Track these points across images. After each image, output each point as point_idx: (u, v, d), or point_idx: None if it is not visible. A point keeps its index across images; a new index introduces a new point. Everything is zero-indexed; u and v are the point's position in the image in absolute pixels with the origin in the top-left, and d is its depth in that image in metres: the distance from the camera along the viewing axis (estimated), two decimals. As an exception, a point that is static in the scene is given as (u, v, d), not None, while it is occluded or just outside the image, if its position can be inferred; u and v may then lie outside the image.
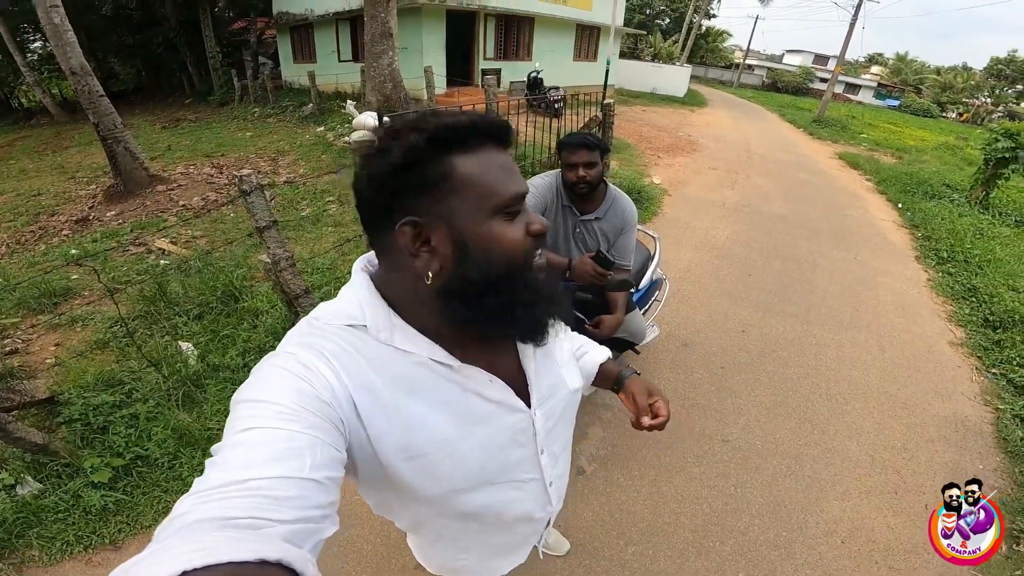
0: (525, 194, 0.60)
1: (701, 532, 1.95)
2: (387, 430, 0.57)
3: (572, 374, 0.79)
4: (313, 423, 0.49)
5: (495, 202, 0.56)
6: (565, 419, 0.79)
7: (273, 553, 0.33)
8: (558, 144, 1.85)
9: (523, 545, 0.90)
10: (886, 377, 2.98)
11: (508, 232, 0.58)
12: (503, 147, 0.60)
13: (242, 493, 0.40)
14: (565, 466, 0.85)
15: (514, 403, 0.67)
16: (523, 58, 12.98)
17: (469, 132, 0.56)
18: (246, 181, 2.41)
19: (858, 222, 5.90)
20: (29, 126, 14.88)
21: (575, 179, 1.79)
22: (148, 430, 2.21)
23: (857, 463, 2.34)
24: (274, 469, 0.43)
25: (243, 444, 0.45)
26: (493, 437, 0.66)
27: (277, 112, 11.12)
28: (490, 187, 0.56)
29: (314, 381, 0.52)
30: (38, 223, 5.48)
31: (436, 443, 0.61)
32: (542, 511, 0.80)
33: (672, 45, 25.66)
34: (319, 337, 0.58)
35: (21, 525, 1.85)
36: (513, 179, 0.59)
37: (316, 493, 0.44)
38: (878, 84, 34.70)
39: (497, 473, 0.68)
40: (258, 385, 0.51)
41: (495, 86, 5.79)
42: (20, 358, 2.85)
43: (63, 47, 5.38)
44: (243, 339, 2.82)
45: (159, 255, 4.25)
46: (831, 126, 14.09)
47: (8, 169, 8.90)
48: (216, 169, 7.08)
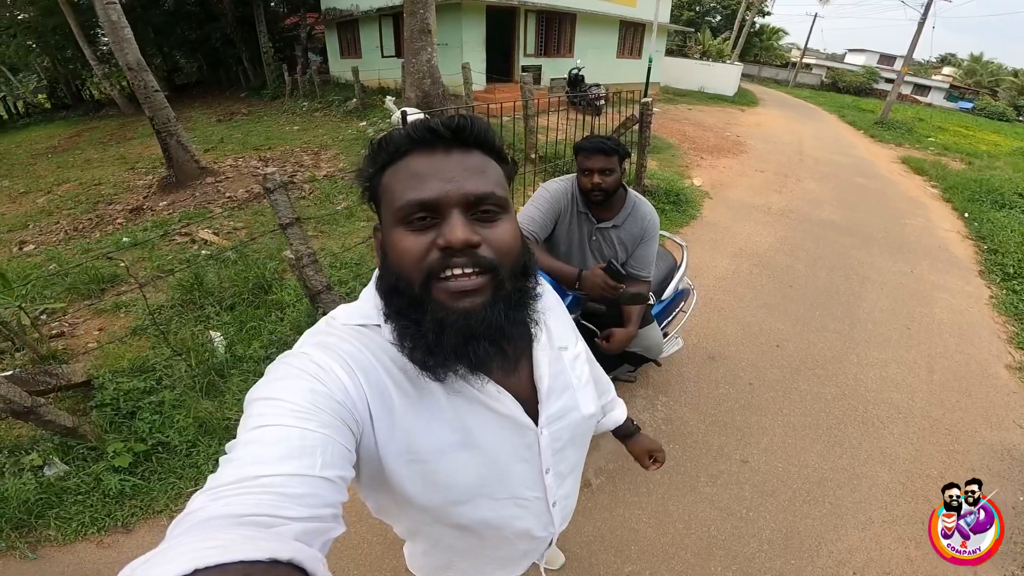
0: (430, 202, 0.53)
1: (704, 556, 1.86)
2: (393, 432, 0.58)
3: (588, 399, 0.76)
4: (326, 422, 0.49)
5: (393, 209, 0.55)
6: (576, 443, 0.76)
7: (285, 552, 0.33)
8: (574, 147, 1.77)
9: (522, 560, 0.88)
10: (932, 401, 2.75)
11: (403, 242, 0.55)
12: (441, 150, 0.55)
13: (255, 490, 0.41)
14: (572, 488, 0.83)
15: (521, 419, 0.65)
16: (564, 55, 12.84)
17: (396, 141, 0.56)
18: (270, 180, 2.46)
19: (919, 232, 5.49)
20: (97, 117, 15.81)
21: (590, 186, 1.72)
22: (172, 417, 2.30)
23: (886, 490, 2.17)
24: (286, 466, 0.43)
25: (256, 442, 0.45)
26: (496, 451, 0.65)
27: (323, 106, 11.46)
28: (393, 195, 0.56)
29: (328, 381, 0.53)
30: (96, 211, 5.85)
31: (437, 450, 0.60)
32: (544, 530, 0.78)
33: (723, 43, 24.71)
34: (335, 337, 0.58)
35: (42, 505, 1.94)
36: (418, 185, 0.53)
37: (327, 491, 0.45)
38: (950, 85, 32.30)
39: (498, 488, 0.67)
40: (273, 384, 0.52)
41: (531, 83, 5.73)
42: (65, 341, 3.03)
43: (120, 43, 5.66)
44: (268, 331, 2.90)
45: (201, 245, 4.45)
46: (895, 128, 13.21)
47: (75, 159, 9.54)
48: (262, 162, 7.35)
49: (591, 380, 0.80)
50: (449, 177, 0.54)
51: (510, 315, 0.57)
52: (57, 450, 2.12)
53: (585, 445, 0.80)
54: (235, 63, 17.92)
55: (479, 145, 0.57)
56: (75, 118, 16.71)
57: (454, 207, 0.53)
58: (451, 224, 0.53)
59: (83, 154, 9.93)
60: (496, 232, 0.56)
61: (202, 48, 18.90)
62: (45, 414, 1.96)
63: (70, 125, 15.24)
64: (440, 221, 0.54)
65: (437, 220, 0.54)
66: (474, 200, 0.54)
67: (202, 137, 9.33)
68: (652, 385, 2.71)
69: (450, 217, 0.53)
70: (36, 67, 21.67)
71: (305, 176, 6.35)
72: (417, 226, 0.54)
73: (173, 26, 17.72)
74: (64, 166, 8.99)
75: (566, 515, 0.84)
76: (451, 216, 0.53)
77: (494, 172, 0.58)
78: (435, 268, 0.54)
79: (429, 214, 0.54)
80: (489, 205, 0.55)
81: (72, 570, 1.79)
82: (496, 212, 0.56)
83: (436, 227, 0.54)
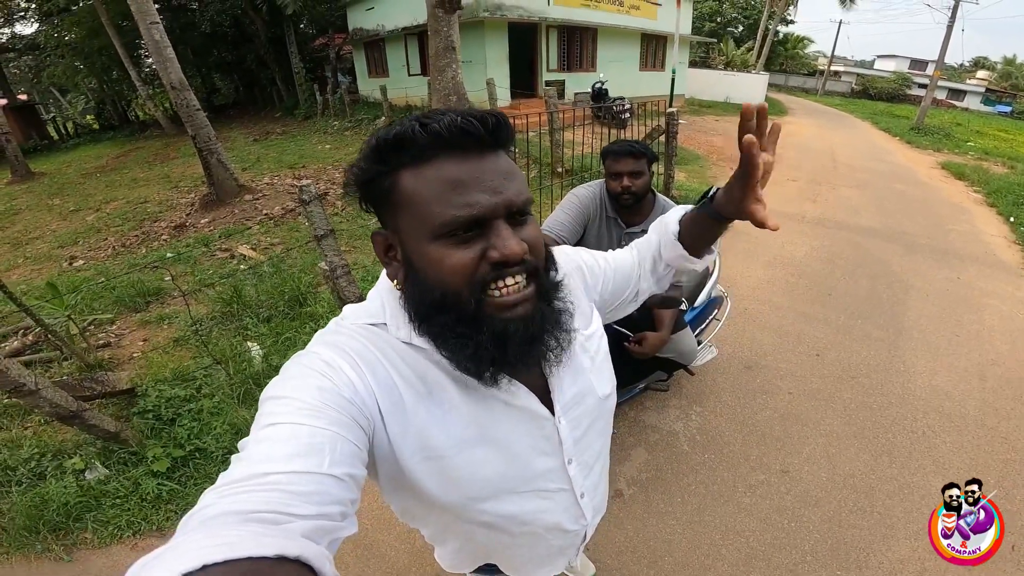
0: (481, 217, 0.51)
1: (742, 568, 1.78)
2: (406, 429, 0.57)
3: (602, 379, 0.74)
4: (335, 420, 0.49)
5: (431, 225, 0.51)
6: (597, 428, 0.75)
7: (293, 549, 0.33)
8: (602, 152, 1.78)
9: (558, 556, 0.85)
10: (985, 409, 2.60)
11: (449, 258, 0.52)
12: (475, 153, 0.52)
13: (262, 487, 0.41)
14: (600, 477, 0.81)
15: (537, 409, 0.64)
16: (587, 69, 12.92)
17: (418, 143, 0.51)
18: (305, 191, 2.53)
19: (964, 238, 5.26)
20: (143, 137, 16.48)
21: (619, 189, 1.72)
22: (209, 424, 2.36)
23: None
24: (293, 464, 0.43)
25: (266, 440, 0.46)
26: (514, 444, 0.64)
27: (353, 125, 11.79)
28: (428, 208, 0.51)
29: (336, 379, 0.52)
30: (142, 228, 6.11)
31: (452, 446, 0.59)
32: (575, 523, 0.77)
33: (746, 53, 24.45)
34: (344, 336, 0.58)
35: (80, 508, 1.98)
36: (463, 197, 0.50)
37: (335, 489, 0.44)
38: (986, 89, 31.12)
39: (520, 482, 0.66)
40: (284, 383, 0.52)
41: (555, 97, 5.79)
42: (111, 351, 3.16)
43: (164, 62, 5.86)
44: (303, 342, 2.94)
45: (240, 260, 4.60)
46: (932, 134, 12.77)
47: (122, 178, 9.99)
48: (296, 180, 7.59)
49: (607, 356, 0.77)
50: (493, 187, 0.52)
51: (553, 309, 0.58)
52: (99, 455, 2.19)
53: (607, 430, 0.79)
54: (269, 84, 18.53)
55: (505, 144, 0.56)
56: (121, 138, 17.46)
57: (501, 218, 0.52)
58: (502, 237, 0.52)
59: (130, 173, 10.41)
60: (529, 233, 0.55)
61: (238, 69, 19.60)
62: (90, 419, 2.02)
63: (117, 145, 15.95)
64: (485, 232, 0.52)
65: (482, 232, 0.52)
66: (516, 210, 0.54)
67: (240, 156, 9.69)
68: (686, 395, 2.65)
69: (499, 229, 0.52)
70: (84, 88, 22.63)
71: (338, 193, 6.53)
72: (462, 240, 0.52)
73: (210, 48, 18.39)
74: (112, 185, 9.40)
75: (597, 506, 0.82)
76: (499, 228, 0.52)
77: (519, 172, 0.56)
78: (486, 281, 0.53)
79: (477, 228, 0.52)
80: (526, 210, 0.55)
81: (106, 572, 1.80)
82: (528, 214, 0.56)
83: (481, 238, 0.52)
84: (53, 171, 12.17)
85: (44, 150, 17.91)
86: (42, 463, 2.20)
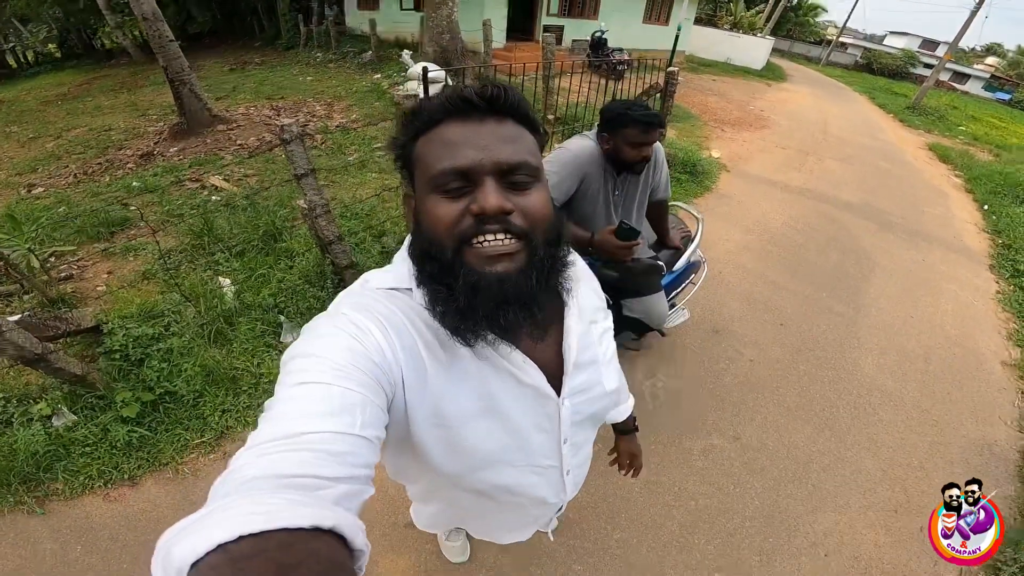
0: (463, 169, 0.54)
1: (689, 528, 1.91)
2: (423, 396, 0.59)
3: (611, 375, 0.78)
4: (363, 382, 0.50)
5: (427, 177, 0.56)
6: (595, 417, 0.78)
7: (328, 520, 0.33)
8: (619, 117, 1.63)
9: (531, 525, 0.92)
10: (923, 391, 2.76)
11: (436, 208, 0.55)
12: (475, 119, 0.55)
13: (298, 447, 0.41)
14: (585, 458, 0.86)
15: (544, 389, 0.67)
16: (589, 16, 12.35)
17: (430, 110, 0.56)
18: (287, 131, 2.43)
19: (936, 221, 5.37)
20: (109, 66, 15.41)
21: (639, 158, 1.65)
22: (179, 366, 2.27)
23: (867, 476, 2.21)
24: (329, 424, 0.44)
25: (298, 398, 0.46)
26: (518, 419, 0.66)
27: (338, 58, 11.17)
28: (426, 163, 0.56)
29: (365, 341, 0.54)
30: (106, 156, 5.80)
31: (462, 416, 0.62)
32: (555, 497, 0.81)
33: (755, 16, 23.57)
34: (370, 299, 0.60)
35: (50, 458, 1.92)
36: (452, 153, 0.54)
37: (365, 451, 0.46)
38: (991, 76, 30.81)
39: (518, 455, 0.69)
40: (313, 342, 0.53)
41: (553, 43, 5.55)
42: (74, 284, 3.04)
43: None
44: (277, 279, 2.91)
45: (211, 191, 4.44)
46: (927, 115, 12.71)
47: (85, 106, 9.38)
48: (274, 111, 7.25)
49: (616, 357, 0.82)
50: (483, 145, 0.54)
51: (542, 282, 0.58)
52: (66, 399, 2.08)
53: (602, 419, 0.83)
54: (249, 13, 17.38)
55: (512, 114, 0.57)
56: (86, 66, 16.32)
57: (487, 175, 0.54)
58: (484, 191, 0.54)
59: (93, 101, 9.79)
60: (529, 200, 0.56)
61: (216, -3, 18.32)
62: (55, 361, 1.90)
63: (81, 73, 14.92)
64: (474, 189, 0.54)
65: (470, 188, 0.55)
66: (507, 168, 0.55)
67: (215, 86, 9.17)
68: (655, 355, 2.74)
69: (483, 185, 0.54)
70: (46, 17, 21.08)
71: (317, 126, 6.27)
72: (451, 193, 0.55)
73: (187, -27, 17.15)
74: (74, 112, 8.88)
75: (577, 483, 0.86)
76: (484, 184, 0.54)
77: (527, 141, 0.58)
78: (467, 234, 0.54)
79: (463, 182, 0.54)
80: (522, 174, 0.56)
81: (80, 524, 1.79)
82: (529, 181, 0.57)
83: (469, 194, 0.55)
84: (11, 99, 11.34)
85: (2, 79, 16.66)
86: (8, 409, 2.11)
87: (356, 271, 2.88)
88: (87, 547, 1.74)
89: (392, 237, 3.41)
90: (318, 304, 2.77)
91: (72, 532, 1.78)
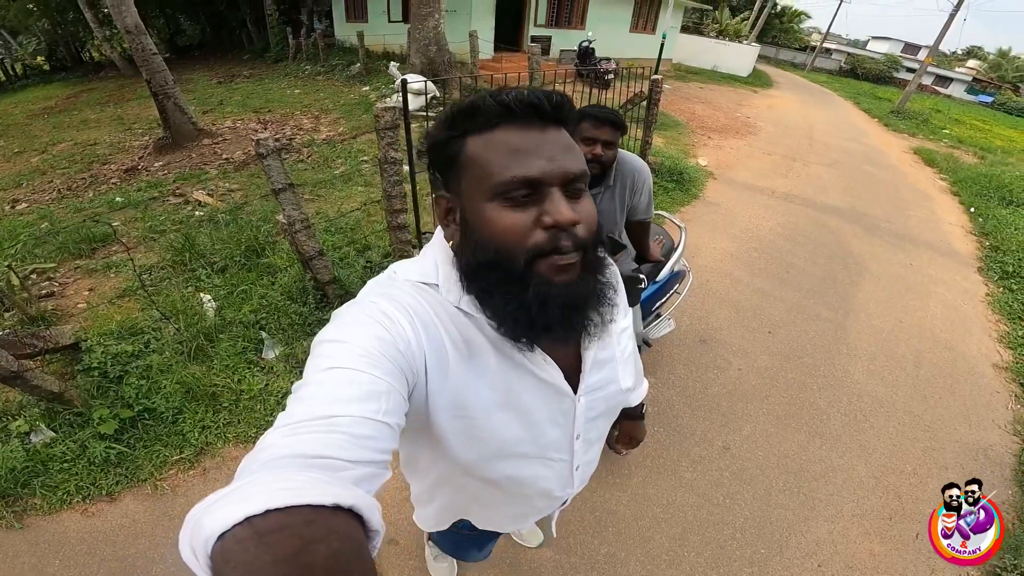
0: (535, 179, 0.54)
1: (679, 541, 1.87)
2: (444, 387, 0.60)
3: (627, 373, 0.79)
4: (389, 370, 0.52)
5: (489, 184, 0.55)
6: (609, 414, 0.80)
7: (347, 499, 0.34)
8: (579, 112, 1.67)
9: (533, 515, 0.93)
10: (915, 396, 2.74)
11: (503, 219, 0.55)
12: (537, 126, 0.56)
13: (326, 428, 0.43)
14: (595, 455, 0.87)
15: (562, 387, 0.68)
16: (576, 26, 12.49)
17: (487, 112, 0.55)
18: (263, 145, 2.40)
19: (923, 224, 5.41)
20: (97, 79, 15.42)
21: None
22: (158, 382, 2.26)
23: (860, 484, 2.18)
24: (355, 408, 0.46)
25: (327, 382, 0.48)
26: (535, 414, 0.68)
27: (326, 71, 11.22)
28: (488, 169, 0.55)
29: (393, 331, 0.55)
30: (90, 171, 5.77)
31: (483, 409, 0.63)
32: (562, 491, 0.82)
33: (741, 23, 23.94)
34: (397, 290, 0.61)
35: (28, 473, 1.93)
36: (521, 161, 0.54)
37: (386, 437, 0.47)
38: (973, 78, 31.36)
39: (532, 448, 0.71)
40: (342, 329, 0.54)
41: (539, 54, 5.58)
42: (55, 301, 3.00)
43: (118, 6, 5.57)
44: (259, 295, 2.87)
45: (195, 206, 4.40)
46: (911, 119, 12.90)
47: (71, 119, 9.36)
48: (261, 124, 7.24)
49: (633, 354, 0.84)
50: (550, 155, 0.55)
51: (597, 285, 0.61)
52: (43, 416, 2.09)
53: (615, 415, 0.83)
54: (239, 25, 17.53)
55: (566, 123, 0.59)
56: (74, 79, 16.34)
57: (555, 186, 0.55)
58: (556, 203, 0.54)
59: (80, 115, 9.76)
60: (584, 208, 0.58)
61: (205, 10, 18.42)
62: (32, 379, 1.92)
63: (68, 86, 14.92)
64: (539, 198, 0.55)
65: (535, 197, 0.55)
66: (571, 179, 0.56)
67: (201, 99, 9.17)
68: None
69: (553, 196, 0.55)
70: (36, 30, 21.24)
71: (304, 140, 6.25)
72: (516, 202, 0.55)
73: (176, -13, 17.32)
74: (60, 126, 8.86)
75: (584, 479, 0.87)
76: (553, 195, 0.55)
77: (578, 149, 0.59)
78: (543, 247, 0.55)
79: (529, 190, 0.55)
80: (580, 183, 0.57)
81: (58, 539, 1.79)
82: (583, 189, 0.58)
83: (535, 204, 0.55)
84: (-2, 112, 11.35)
85: (-10, 91, 16.61)
86: (-14, 425, 2.11)
87: (338, 286, 2.84)
88: (65, 561, 1.74)
89: (376, 251, 3.38)
90: (300, 320, 2.73)
91: (50, 546, 1.78)
